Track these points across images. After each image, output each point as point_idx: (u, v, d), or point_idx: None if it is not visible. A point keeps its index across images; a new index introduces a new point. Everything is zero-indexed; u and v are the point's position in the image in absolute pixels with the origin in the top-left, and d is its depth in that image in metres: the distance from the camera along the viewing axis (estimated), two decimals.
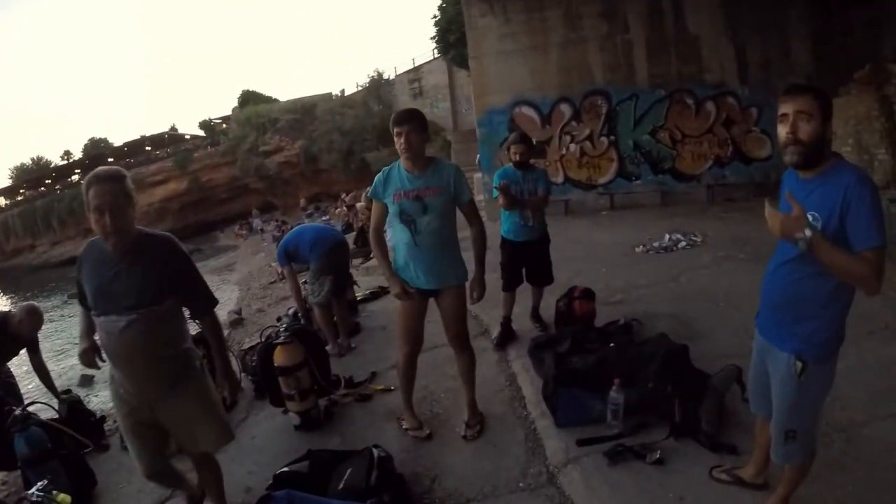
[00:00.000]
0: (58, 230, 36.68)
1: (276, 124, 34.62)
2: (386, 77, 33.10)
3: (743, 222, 9.13)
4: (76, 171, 42.78)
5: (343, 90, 37.33)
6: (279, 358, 4.06)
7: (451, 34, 17.41)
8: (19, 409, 3.70)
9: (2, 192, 45.87)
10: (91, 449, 4.33)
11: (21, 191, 45.17)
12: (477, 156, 13.47)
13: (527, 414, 3.85)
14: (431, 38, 19.80)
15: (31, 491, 2.96)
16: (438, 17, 18.74)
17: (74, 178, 40.84)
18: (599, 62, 11.97)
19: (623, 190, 12.21)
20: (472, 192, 3.48)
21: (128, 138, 45.30)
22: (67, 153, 48.34)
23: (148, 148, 43.34)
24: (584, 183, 12.40)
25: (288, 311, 6.40)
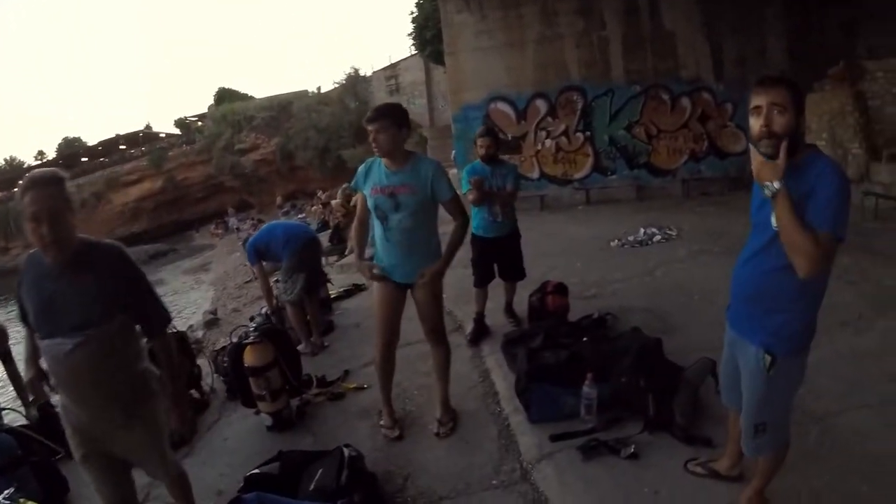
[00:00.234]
0: None
1: (252, 122, 34.27)
2: (363, 74, 32.93)
3: (718, 216, 9.19)
4: None
5: (319, 87, 37.05)
6: (249, 358, 3.98)
7: (428, 31, 17.38)
8: None
9: None
10: (63, 455, 4.18)
11: None
12: (452, 152, 13.43)
13: (500, 410, 3.80)
14: (408, 35, 19.80)
15: None
16: (415, 13, 18.70)
17: None
18: (575, 58, 11.96)
19: (598, 185, 12.23)
20: (454, 189, 3.38)
21: (102, 137, 44.46)
22: (41, 153, 47.40)
23: (122, 147, 42.55)
24: (560, 178, 12.39)
25: (261, 311, 6.28)
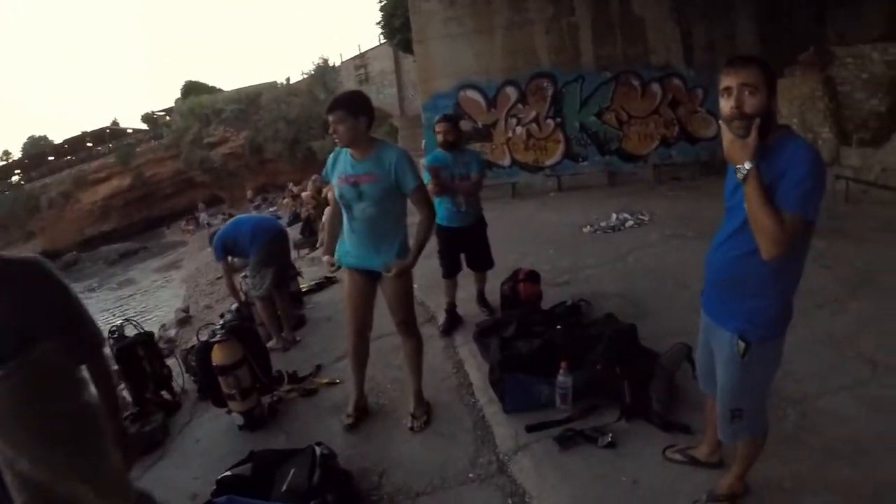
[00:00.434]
0: None
1: (221, 115, 33.59)
2: (331, 64, 32.47)
3: (690, 200, 9.24)
4: (16, 171, 40.61)
5: (288, 78, 36.41)
6: (217, 357, 3.85)
7: (397, 19, 17.11)
8: None
9: None
10: None
11: None
12: (423, 141, 13.30)
13: (475, 401, 3.73)
14: (377, 24, 19.49)
15: None
16: (384, 1, 18.44)
17: (14, 178, 38.70)
18: (545, 45, 11.89)
19: (570, 171, 12.21)
20: (421, 179, 3.28)
21: (68, 135, 43.28)
22: (6, 153, 46.08)
23: (89, 144, 41.47)
24: (531, 165, 12.35)
25: (231, 308, 6.16)
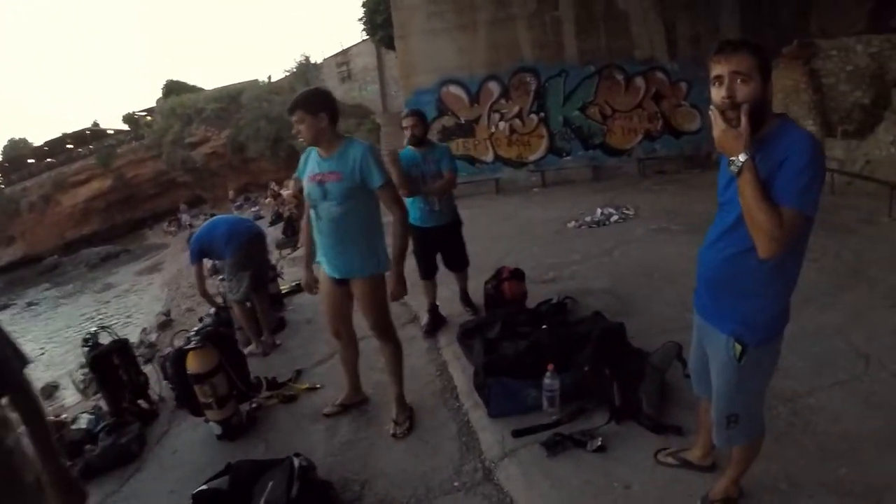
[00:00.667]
0: None
1: (202, 114, 33.17)
2: (314, 61, 32.15)
3: (675, 194, 9.22)
4: None
5: (270, 76, 36.14)
6: (192, 365, 3.69)
7: (379, 15, 16.96)
8: None
9: None
10: None
11: None
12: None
13: (459, 405, 3.59)
14: (359, 20, 19.32)
15: None
16: None
17: None
18: (528, 39, 11.83)
19: (554, 166, 12.16)
20: (389, 176, 3.13)
21: (48, 137, 42.58)
22: None
23: (70, 146, 40.88)
24: (515, 161, 12.31)
25: (211, 311, 6.03)
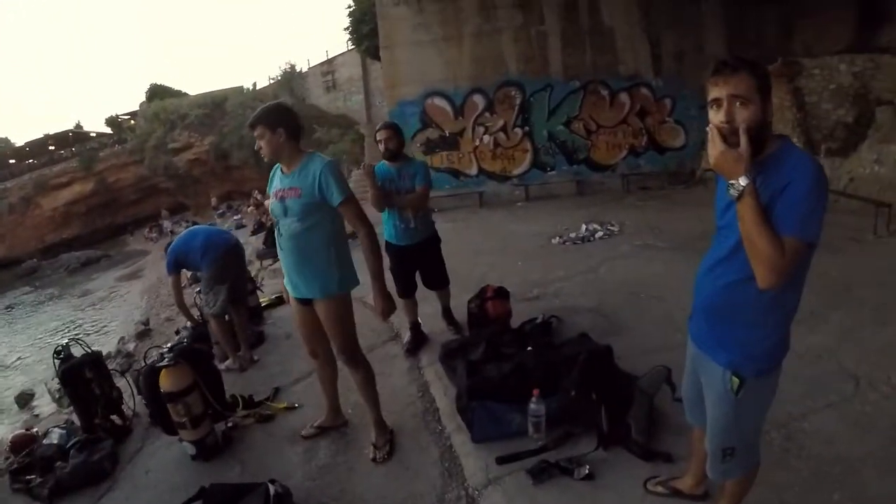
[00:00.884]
0: None
1: (186, 120, 32.87)
2: (299, 70, 32.05)
3: (659, 210, 9.22)
4: None
5: (255, 83, 35.87)
6: (165, 383, 3.56)
7: (366, 25, 16.92)
8: None
9: None
10: None
11: None
12: None
13: (441, 428, 3.48)
14: (345, 30, 19.27)
15: None
16: (353, 7, 18.23)
17: None
18: (514, 53, 11.85)
19: (538, 181, 12.15)
20: (349, 192, 3.00)
21: (30, 137, 41.93)
22: None
23: (52, 147, 40.31)
24: (499, 174, 12.28)
25: (188, 325, 5.89)
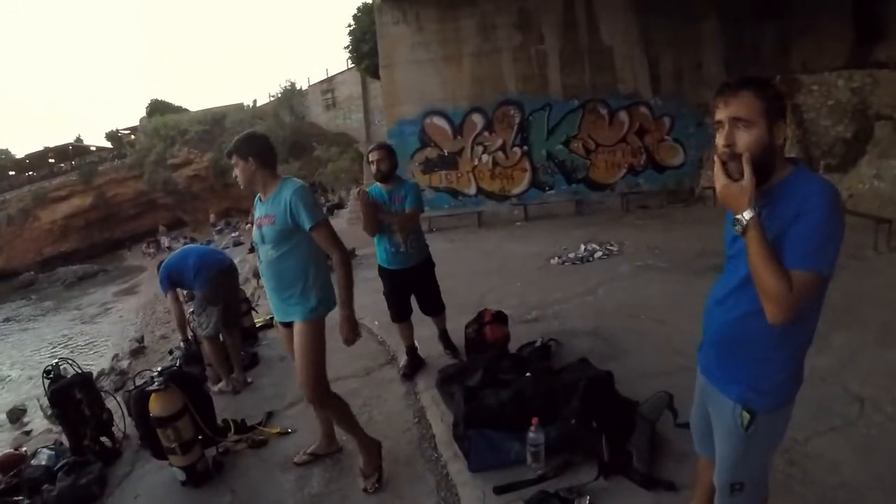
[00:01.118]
0: None
1: (185, 135, 33.06)
2: (298, 87, 32.24)
3: (659, 230, 9.17)
4: None
5: (255, 101, 36.09)
6: (154, 407, 3.47)
7: (365, 44, 17.01)
8: None
9: None
10: None
11: None
12: None
13: (437, 456, 3.38)
14: (345, 48, 19.39)
15: None
16: (353, 26, 18.34)
17: None
18: (513, 72, 11.90)
19: (537, 200, 12.14)
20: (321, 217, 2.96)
21: (28, 139, 42.03)
22: None
23: (52, 160, 40.45)
24: (498, 194, 12.28)
25: (181, 345, 5.79)
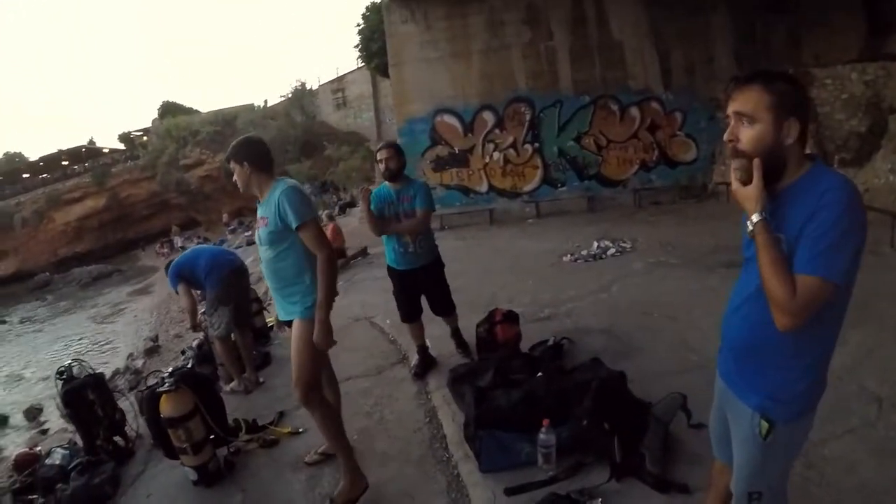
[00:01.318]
0: None
1: (197, 136, 33.28)
2: (309, 87, 32.34)
3: (672, 225, 9.11)
4: None
5: (266, 101, 36.29)
6: (165, 408, 3.51)
7: (375, 43, 17.02)
8: None
9: None
10: None
11: None
12: None
13: (448, 456, 3.37)
14: (355, 47, 19.41)
15: None
16: (362, 25, 18.37)
17: None
18: (523, 69, 11.82)
19: (549, 197, 12.06)
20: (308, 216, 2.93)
21: (44, 152, 42.55)
22: None
23: (65, 162, 40.89)
24: (509, 191, 12.21)
25: (193, 344, 5.91)
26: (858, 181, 8.04)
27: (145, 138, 40.64)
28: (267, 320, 6.51)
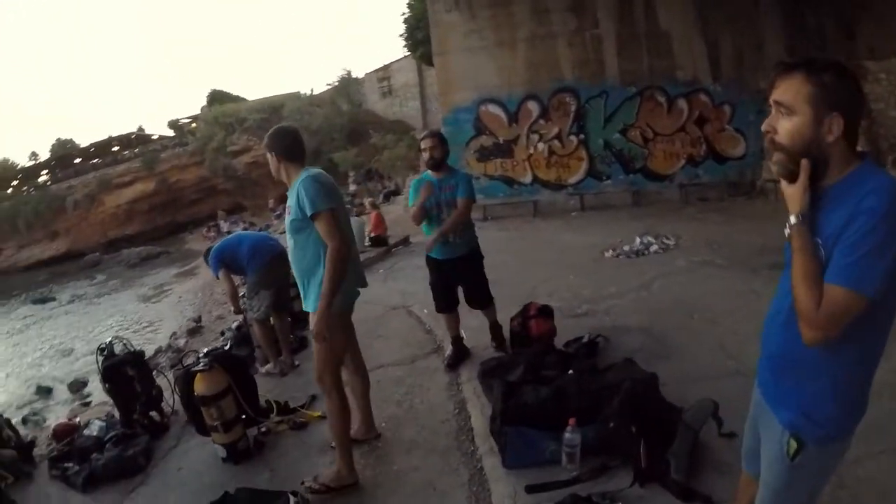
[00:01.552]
0: (24, 233, 35.17)
1: (244, 124, 33.88)
2: (355, 76, 32.55)
3: (719, 224, 8.86)
4: (43, 172, 41.41)
5: (312, 89, 36.70)
6: (199, 387, 3.66)
7: (420, 31, 17.04)
8: None
9: None
10: (12, 481, 3.91)
11: None
12: None
13: (474, 449, 3.36)
14: (400, 36, 19.46)
15: None
16: (407, 14, 18.40)
17: (42, 179, 39.50)
18: (568, 58, 11.59)
19: (593, 190, 11.87)
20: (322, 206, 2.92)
21: (95, 139, 44.03)
22: (34, 154, 46.76)
23: (115, 148, 42.14)
24: (554, 183, 12.03)
25: (233, 326, 6.03)
26: None
27: (194, 125, 41.58)
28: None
